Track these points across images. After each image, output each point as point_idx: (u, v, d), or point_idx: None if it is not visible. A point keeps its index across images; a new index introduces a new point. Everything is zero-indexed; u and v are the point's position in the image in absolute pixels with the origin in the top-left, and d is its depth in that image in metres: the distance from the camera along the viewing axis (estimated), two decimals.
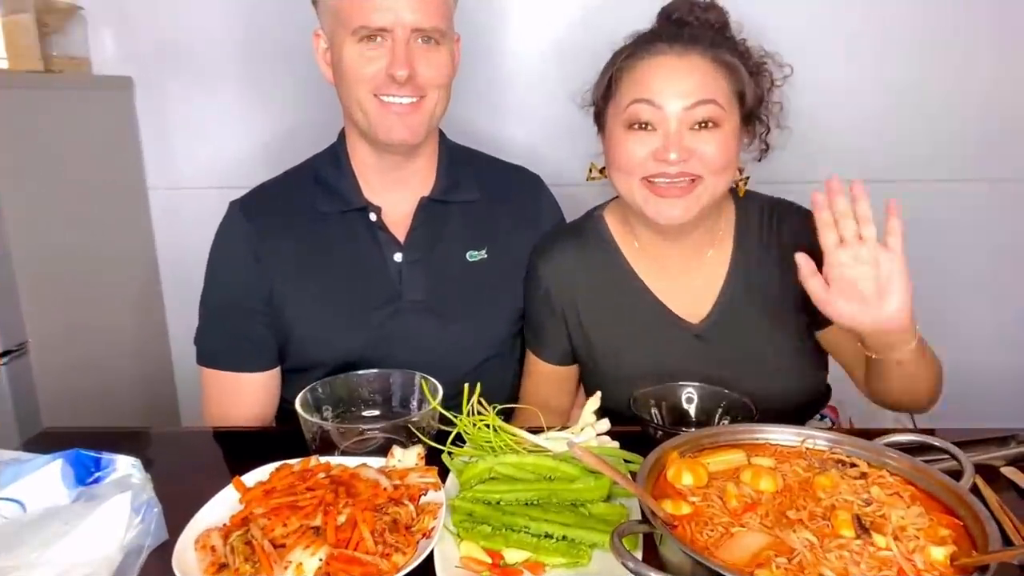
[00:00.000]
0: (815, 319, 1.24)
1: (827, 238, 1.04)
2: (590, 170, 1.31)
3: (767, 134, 1.28)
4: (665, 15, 1.27)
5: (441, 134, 1.43)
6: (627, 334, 1.32)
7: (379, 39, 1.21)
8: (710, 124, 1.16)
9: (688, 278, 1.31)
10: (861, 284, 1.02)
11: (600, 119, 1.29)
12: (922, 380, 1.15)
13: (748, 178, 1.30)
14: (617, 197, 1.33)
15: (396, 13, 1.19)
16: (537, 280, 1.36)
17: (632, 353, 1.31)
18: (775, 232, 1.30)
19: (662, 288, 1.32)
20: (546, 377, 1.40)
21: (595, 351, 1.34)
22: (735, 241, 1.31)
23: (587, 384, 1.42)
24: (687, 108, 1.15)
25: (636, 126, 1.18)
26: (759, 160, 1.30)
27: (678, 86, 1.15)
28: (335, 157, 1.38)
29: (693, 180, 1.17)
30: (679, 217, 1.18)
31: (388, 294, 1.33)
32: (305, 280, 1.32)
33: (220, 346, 1.33)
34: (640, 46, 1.21)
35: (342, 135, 1.39)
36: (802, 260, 1.05)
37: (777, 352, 1.28)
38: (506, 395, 1.41)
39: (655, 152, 1.16)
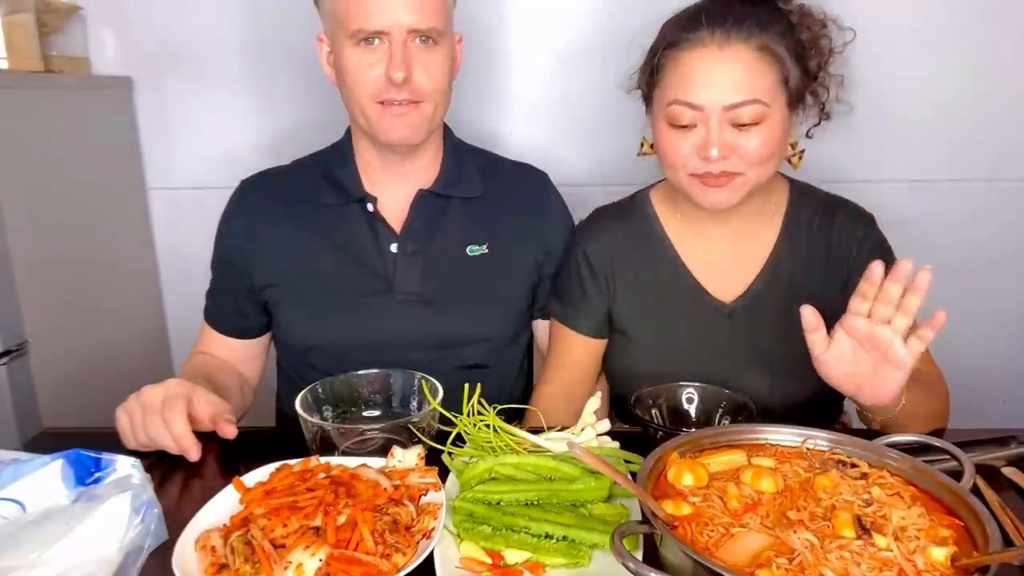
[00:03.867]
0: None
1: (857, 304, 1.02)
2: (641, 144, 1.31)
3: (827, 102, 1.25)
4: None
5: (447, 130, 1.43)
6: (657, 307, 1.34)
7: (377, 42, 1.21)
8: (753, 123, 1.15)
9: (730, 256, 1.33)
10: (860, 362, 1.03)
11: (648, 102, 1.29)
12: (910, 427, 1.10)
13: (803, 151, 1.27)
14: (662, 180, 1.37)
15: (393, 15, 1.19)
16: (576, 250, 1.38)
17: (662, 326, 1.33)
18: (827, 228, 1.30)
19: (700, 265, 1.34)
20: (575, 358, 1.39)
21: (625, 322, 1.36)
22: (783, 226, 1.32)
23: (611, 365, 1.42)
24: (727, 108, 1.14)
25: (677, 126, 1.19)
26: (817, 124, 1.27)
27: (718, 83, 1.14)
28: (340, 151, 1.40)
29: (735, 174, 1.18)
30: (724, 202, 1.20)
31: (382, 283, 1.34)
32: (296, 263, 1.35)
33: (212, 306, 1.46)
34: (683, 30, 1.18)
35: (349, 131, 1.41)
36: (808, 313, 1.04)
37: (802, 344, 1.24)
38: (507, 397, 1.41)
39: (697, 148, 1.17)
